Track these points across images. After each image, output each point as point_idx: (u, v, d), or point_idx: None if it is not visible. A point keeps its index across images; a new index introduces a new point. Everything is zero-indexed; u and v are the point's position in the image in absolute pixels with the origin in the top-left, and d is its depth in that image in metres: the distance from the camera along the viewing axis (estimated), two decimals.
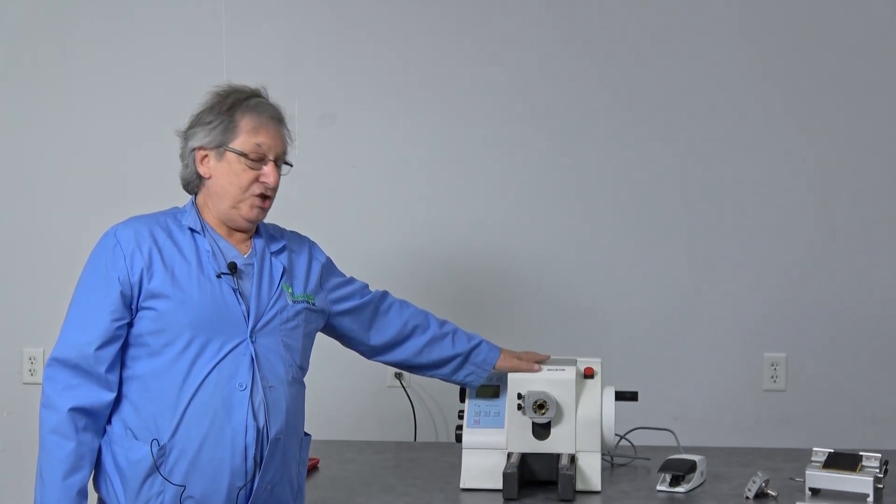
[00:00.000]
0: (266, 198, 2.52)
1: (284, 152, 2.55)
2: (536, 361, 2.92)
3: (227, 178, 2.49)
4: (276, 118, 2.54)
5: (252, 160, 2.49)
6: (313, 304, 2.60)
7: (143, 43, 3.83)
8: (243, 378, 2.40)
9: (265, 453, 2.41)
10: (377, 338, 2.81)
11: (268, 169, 2.50)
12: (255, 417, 2.40)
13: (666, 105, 3.78)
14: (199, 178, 2.52)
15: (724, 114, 3.77)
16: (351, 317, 2.76)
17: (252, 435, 2.39)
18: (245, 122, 2.49)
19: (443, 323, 2.89)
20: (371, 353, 2.84)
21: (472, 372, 2.89)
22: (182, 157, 2.55)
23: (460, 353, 2.87)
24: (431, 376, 2.91)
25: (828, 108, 3.75)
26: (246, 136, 2.49)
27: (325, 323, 2.70)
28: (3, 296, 3.88)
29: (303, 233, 2.74)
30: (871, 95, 3.75)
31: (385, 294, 2.85)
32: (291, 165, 2.59)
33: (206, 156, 2.50)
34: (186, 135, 2.53)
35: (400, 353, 2.84)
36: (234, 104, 2.50)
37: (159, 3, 3.83)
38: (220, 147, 2.48)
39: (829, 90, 3.75)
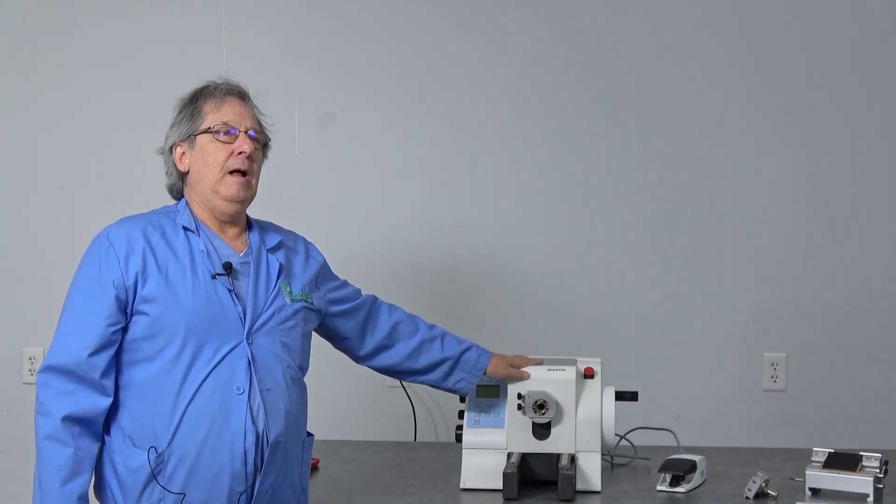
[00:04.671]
0: (244, 173, 2.48)
1: (256, 126, 2.53)
2: (530, 364, 2.90)
3: (202, 161, 2.48)
4: (236, 93, 2.54)
5: (223, 136, 2.47)
6: (311, 303, 2.58)
7: (143, 43, 3.83)
8: (241, 382, 2.38)
9: (265, 457, 2.39)
10: (368, 341, 2.78)
11: (240, 139, 2.48)
12: (253, 422, 2.37)
13: (665, 105, 3.78)
14: (181, 176, 2.53)
15: (724, 113, 3.77)
16: (344, 319, 2.74)
17: (251, 439, 2.37)
18: (208, 105, 2.50)
19: (431, 326, 2.85)
20: (361, 357, 2.81)
21: (462, 377, 2.85)
22: (166, 169, 2.56)
23: (450, 357, 2.83)
24: (422, 382, 2.87)
25: (828, 108, 3.75)
26: (212, 116, 2.49)
27: (319, 323, 2.68)
28: (3, 296, 3.88)
29: (303, 232, 2.72)
30: (871, 95, 3.75)
31: (375, 298, 2.83)
32: (269, 139, 2.58)
33: (182, 152, 2.51)
34: (164, 146, 2.55)
35: (389, 358, 2.80)
36: (196, 95, 2.52)
37: (159, 3, 3.83)
38: (191, 135, 2.49)
39: (830, 89, 3.75)
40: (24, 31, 3.85)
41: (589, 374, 2.91)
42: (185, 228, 2.46)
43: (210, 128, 2.48)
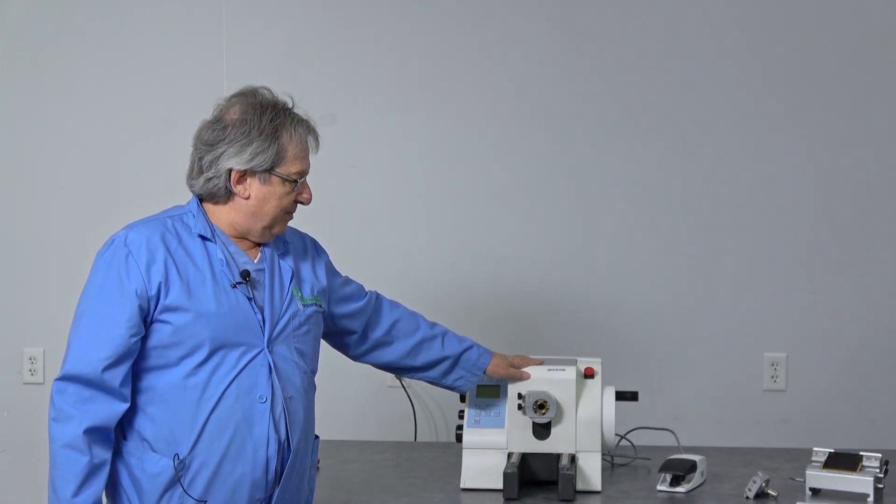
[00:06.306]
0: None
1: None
2: (530, 364, 2.89)
3: (271, 201, 2.42)
4: (313, 135, 2.50)
5: (296, 184, 2.45)
6: (321, 306, 2.56)
7: (144, 43, 3.83)
8: (263, 390, 2.37)
9: (286, 465, 2.39)
10: (367, 339, 2.76)
11: (304, 187, 2.48)
12: (276, 430, 2.37)
13: (666, 105, 3.77)
14: (229, 193, 2.43)
15: (724, 114, 3.77)
16: (350, 319, 2.72)
17: (273, 448, 2.37)
18: (292, 147, 2.42)
19: (433, 325, 2.84)
20: (360, 354, 2.78)
21: (461, 376, 2.83)
22: (201, 168, 2.42)
23: (450, 356, 2.81)
24: (420, 379, 2.86)
25: (829, 108, 3.75)
26: (292, 161, 2.43)
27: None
28: (3, 296, 3.87)
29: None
30: (872, 95, 3.75)
31: (378, 295, 2.81)
32: None
33: (247, 179, 2.41)
34: (214, 149, 2.40)
35: (388, 355, 2.78)
36: (277, 126, 2.41)
37: (159, 3, 3.83)
38: (267, 172, 2.41)
39: (830, 89, 3.75)
40: (24, 31, 3.85)
41: (589, 374, 2.91)
42: (202, 237, 2.41)
43: (288, 176, 2.43)
